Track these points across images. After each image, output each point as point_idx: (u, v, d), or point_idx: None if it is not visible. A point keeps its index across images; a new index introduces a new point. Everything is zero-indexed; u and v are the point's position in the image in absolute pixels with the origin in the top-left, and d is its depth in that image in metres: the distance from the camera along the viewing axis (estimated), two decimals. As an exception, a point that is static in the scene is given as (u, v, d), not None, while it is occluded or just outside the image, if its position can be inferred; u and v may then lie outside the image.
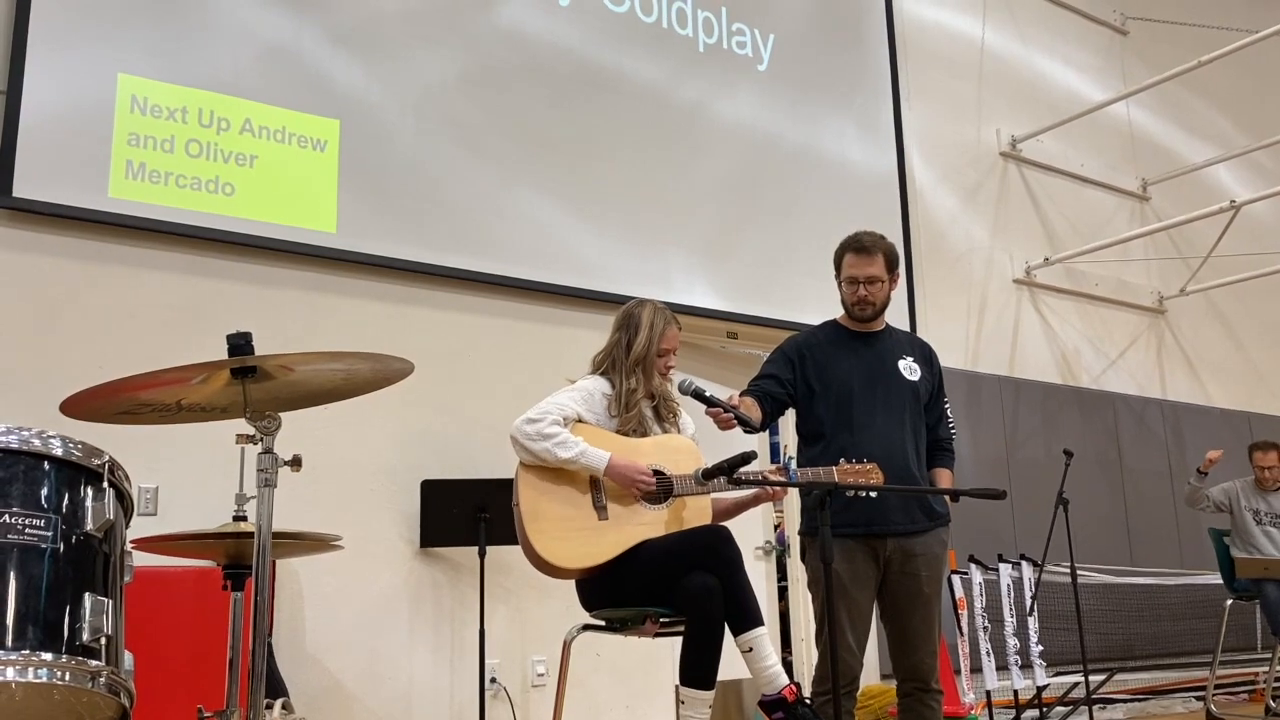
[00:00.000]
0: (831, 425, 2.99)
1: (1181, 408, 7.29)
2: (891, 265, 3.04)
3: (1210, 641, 5.85)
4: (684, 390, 2.87)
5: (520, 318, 4.58)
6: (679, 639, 2.79)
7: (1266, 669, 5.99)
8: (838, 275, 3.08)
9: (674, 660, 2.84)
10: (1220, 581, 5.87)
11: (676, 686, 2.76)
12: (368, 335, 4.14)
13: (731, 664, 2.82)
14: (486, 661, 4.01)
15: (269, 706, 3.06)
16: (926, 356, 3.16)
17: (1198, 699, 6.05)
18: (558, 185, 4.76)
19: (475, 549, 4.00)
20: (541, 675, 4.30)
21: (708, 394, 2.80)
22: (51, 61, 3.67)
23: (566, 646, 2.99)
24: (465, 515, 4.02)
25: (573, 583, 3.01)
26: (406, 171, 4.36)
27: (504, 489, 3.12)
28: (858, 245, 3.03)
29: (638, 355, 3.05)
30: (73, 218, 3.64)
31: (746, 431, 2.85)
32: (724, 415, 2.77)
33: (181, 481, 3.64)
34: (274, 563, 3.58)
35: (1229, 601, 5.72)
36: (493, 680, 4.14)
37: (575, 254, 4.74)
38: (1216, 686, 5.81)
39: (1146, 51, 7.86)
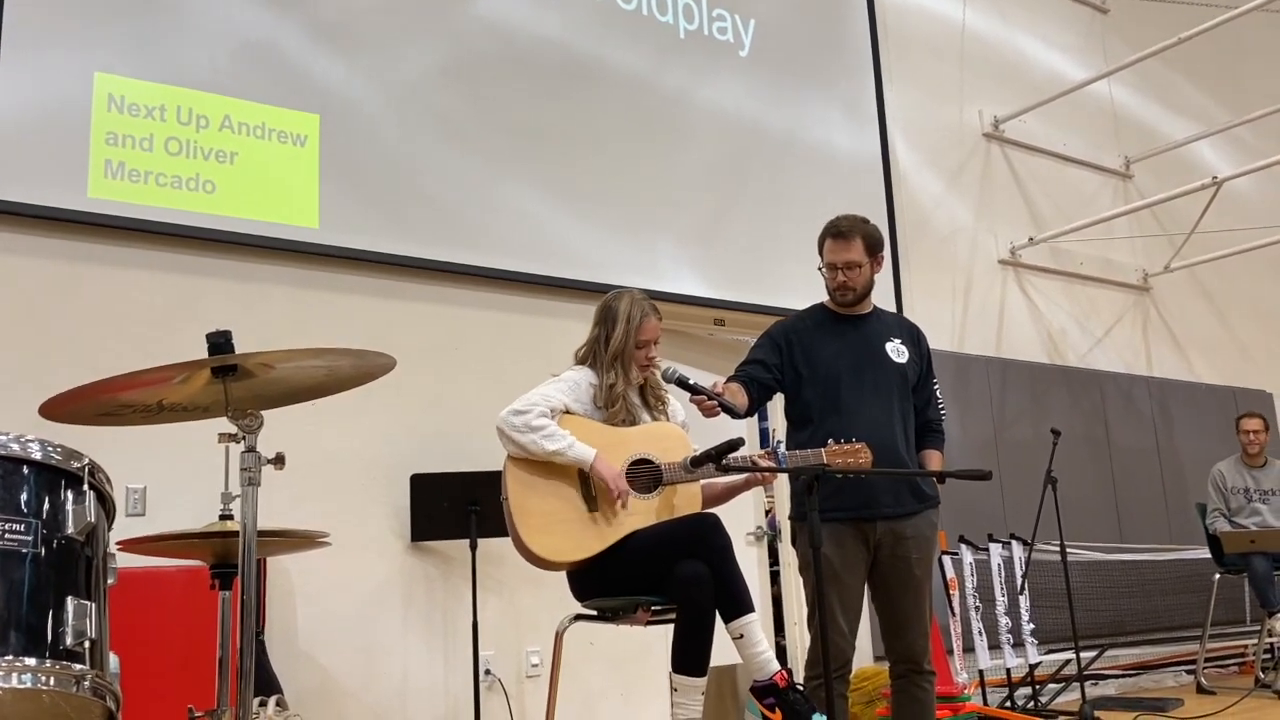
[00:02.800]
0: (819, 409, 2.99)
1: (1168, 384, 7.33)
2: (873, 249, 3.03)
3: (1200, 616, 5.89)
4: (668, 378, 2.87)
5: (506, 309, 4.57)
6: (671, 627, 2.80)
7: (1255, 641, 6.03)
8: (820, 261, 3.08)
9: (667, 648, 2.85)
10: (1209, 556, 5.91)
11: (669, 674, 2.77)
12: (353, 330, 4.12)
13: (725, 649, 2.83)
14: (480, 654, 4.01)
15: (263, 704, 3.06)
16: (914, 338, 3.16)
17: (1188, 672, 6.10)
18: (541, 176, 4.73)
19: (466, 542, 4.00)
20: (536, 666, 4.31)
21: (691, 381, 2.79)
22: (26, 61, 3.63)
23: (559, 637, 2.99)
24: (455, 508, 4.02)
25: (565, 573, 3.01)
26: (388, 165, 4.33)
27: (494, 481, 3.11)
28: (835, 231, 3.03)
29: (615, 349, 3.03)
30: (52, 218, 3.60)
31: (733, 418, 2.85)
32: (708, 403, 2.77)
33: (171, 481, 3.62)
34: (264, 560, 3.57)
35: (1217, 576, 5.77)
36: (487, 672, 4.15)
37: (560, 244, 4.73)
38: (1206, 660, 5.86)
39: (1127, 29, 7.86)
